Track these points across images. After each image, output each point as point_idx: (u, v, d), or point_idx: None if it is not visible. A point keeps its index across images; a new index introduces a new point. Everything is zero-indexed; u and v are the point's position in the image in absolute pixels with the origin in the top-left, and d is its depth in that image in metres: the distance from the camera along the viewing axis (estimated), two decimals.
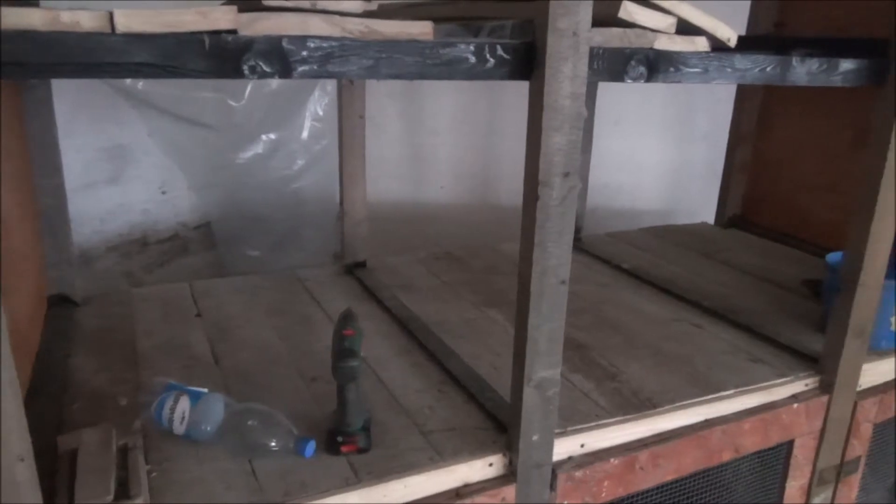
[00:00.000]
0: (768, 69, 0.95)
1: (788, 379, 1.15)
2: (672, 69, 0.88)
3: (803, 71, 0.98)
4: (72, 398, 1.03)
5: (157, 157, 1.79)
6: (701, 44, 0.91)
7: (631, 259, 1.70)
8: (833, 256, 1.34)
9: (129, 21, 0.60)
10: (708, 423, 1.08)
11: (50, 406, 1.00)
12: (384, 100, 2.03)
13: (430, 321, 1.32)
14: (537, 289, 0.84)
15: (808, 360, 1.21)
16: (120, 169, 1.79)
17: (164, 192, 1.83)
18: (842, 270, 1.14)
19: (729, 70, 0.92)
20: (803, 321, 1.37)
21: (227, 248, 1.88)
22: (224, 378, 1.10)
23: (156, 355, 1.18)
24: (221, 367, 1.14)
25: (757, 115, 1.93)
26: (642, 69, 0.86)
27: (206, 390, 0.93)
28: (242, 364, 1.15)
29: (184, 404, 0.90)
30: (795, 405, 1.14)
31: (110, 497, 0.74)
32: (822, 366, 1.18)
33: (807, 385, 1.17)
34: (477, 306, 1.42)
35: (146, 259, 1.86)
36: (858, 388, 1.20)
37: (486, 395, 1.05)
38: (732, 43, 0.94)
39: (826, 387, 1.17)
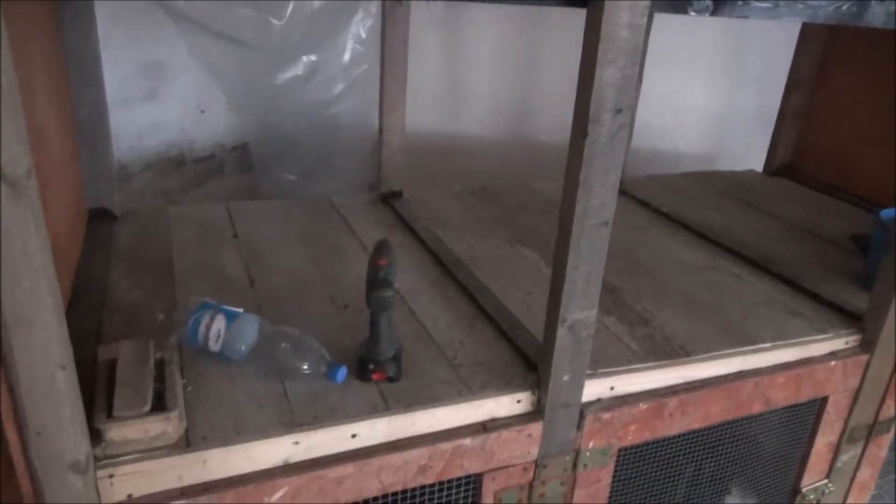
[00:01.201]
0: (844, 7, 0.88)
1: (828, 336, 1.13)
2: (740, 2, 0.82)
3: (881, 11, 0.91)
4: (110, 312, 1.05)
5: (195, 76, 1.76)
6: None
7: (671, 204, 1.65)
8: (886, 213, 1.28)
9: None
10: (740, 375, 1.06)
11: (89, 318, 1.02)
12: (426, 28, 1.96)
13: (463, 255, 1.31)
14: (578, 229, 0.82)
15: (849, 317, 1.17)
16: (157, 85, 1.77)
17: (202, 111, 1.81)
18: (894, 227, 1.09)
19: (801, 6, 0.86)
20: (847, 276, 1.33)
21: (263, 171, 1.88)
22: (257, 300, 1.11)
23: (191, 274, 1.19)
24: (255, 290, 1.15)
25: (816, 61, 1.83)
26: (708, 2, 0.80)
27: (241, 310, 0.93)
28: (276, 288, 1.16)
29: (219, 323, 0.90)
30: (833, 363, 1.11)
31: (147, 407, 0.76)
32: (865, 323, 1.14)
33: (847, 343, 1.14)
34: (509, 243, 1.40)
35: (183, 178, 1.87)
36: None
37: (516, 332, 1.05)
38: None
39: (867, 346, 1.14)
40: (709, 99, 2.48)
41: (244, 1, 1.62)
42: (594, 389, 0.97)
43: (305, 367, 0.89)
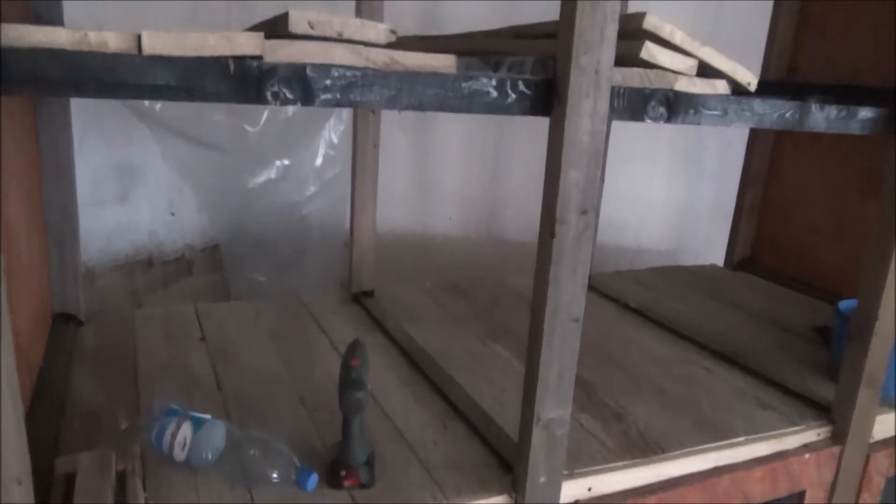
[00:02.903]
0: (787, 115, 0.95)
1: (800, 428, 1.13)
2: (692, 111, 0.88)
3: (822, 117, 0.98)
4: (70, 418, 1.01)
5: (166, 178, 1.79)
6: (721, 87, 0.91)
7: (639, 298, 1.68)
8: (845, 304, 1.32)
9: (155, 43, 0.60)
10: (717, 471, 1.05)
11: (48, 425, 0.98)
12: (395, 130, 2.03)
13: (435, 353, 1.30)
14: (549, 326, 0.83)
15: (818, 409, 1.19)
16: (129, 188, 1.79)
17: (172, 214, 1.82)
18: (854, 319, 1.13)
19: (748, 114, 0.92)
20: (812, 368, 1.35)
21: (233, 272, 1.87)
22: (225, 403, 1.09)
23: (156, 378, 1.16)
24: (223, 392, 1.12)
25: (768, 158, 1.93)
26: (662, 110, 0.85)
27: (208, 416, 0.91)
28: (244, 390, 1.14)
29: (185, 430, 0.88)
30: (807, 455, 1.11)
31: None
32: (835, 415, 1.15)
33: (818, 435, 1.15)
34: (482, 339, 1.41)
35: (151, 279, 1.85)
36: (871, 440, 1.18)
37: (490, 430, 1.03)
38: (752, 87, 0.94)
39: (838, 437, 1.14)
40: (669, 195, 2.58)
41: (218, 107, 1.67)
42: (572, 490, 0.95)
43: (274, 474, 0.86)
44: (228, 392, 1.12)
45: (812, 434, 1.14)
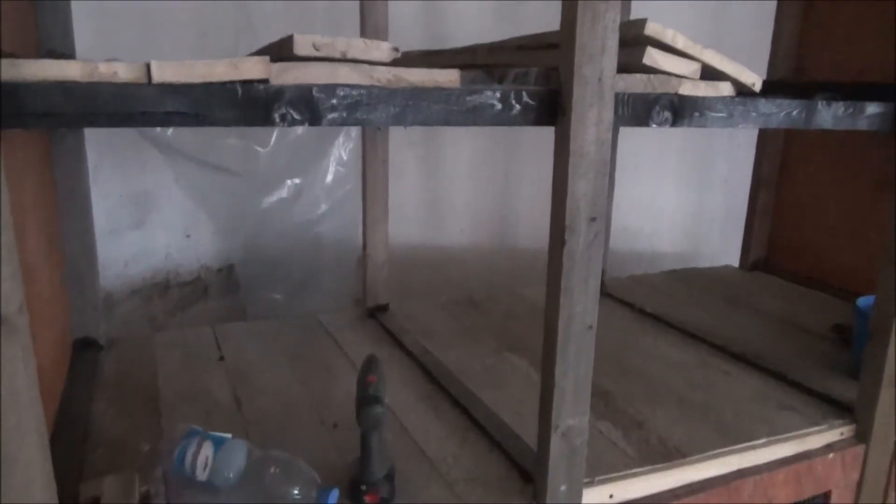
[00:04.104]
0: (793, 113, 0.95)
1: (822, 428, 1.12)
2: (697, 114, 0.88)
3: (829, 115, 0.98)
4: (94, 444, 1.03)
5: (181, 202, 1.81)
6: (725, 89, 0.92)
7: (654, 303, 1.68)
8: (863, 301, 1.31)
9: (164, 72, 0.62)
10: (740, 474, 1.04)
11: (72, 452, 0.99)
12: (404, 145, 2.05)
13: (452, 367, 1.31)
14: (564, 335, 0.83)
15: (841, 408, 1.17)
16: (144, 213, 1.81)
17: (188, 236, 1.85)
18: (873, 317, 1.12)
19: (754, 114, 0.92)
20: (833, 367, 1.33)
21: (249, 292, 1.89)
22: (245, 424, 1.09)
23: (177, 401, 1.17)
24: (243, 413, 1.13)
25: (779, 159, 1.92)
26: (667, 114, 0.86)
27: (229, 436, 0.91)
28: (264, 410, 1.14)
29: (207, 450, 0.88)
30: (831, 455, 1.10)
31: None
32: (857, 414, 1.14)
33: (842, 434, 1.13)
34: (498, 352, 1.41)
35: (168, 303, 1.87)
36: None
37: (510, 442, 1.03)
38: (757, 88, 0.94)
39: (862, 436, 1.13)
40: (681, 199, 2.57)
41: (229, 131, 1.70)
42: (593, 498, 0.95)
43: (296, 492, 0.86)
44: (248, 412, 1.13)
45: (835, 434, 1.13)
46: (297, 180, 1.82)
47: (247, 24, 1.77)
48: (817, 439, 1.11)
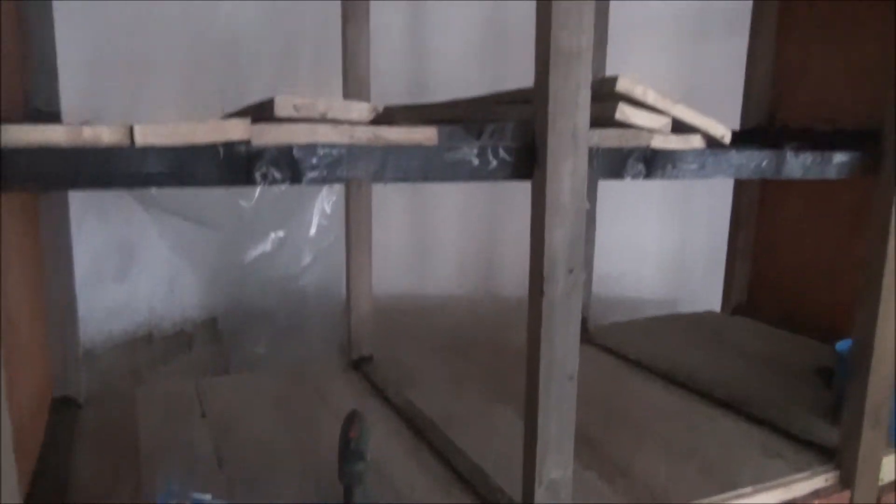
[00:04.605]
0: (763, 164, 0.97)
1: (807, 474, 1.12)
2: (670, 166, 0.90)
3: (798, 164, 1.01)
4: (72, 502, 1.00)
5: (164, 255, 1.81)
6: (696, 141, 0.94)
7: (638, 349, 1.68)
8: (843, 344, 1.33)
9: (147, 134, 0.63)
10: None
11: None
12: (388, 193, 2.07)
13: (438, 417, 1.30)
14: (545, 385, 0.84)
15: (825, 453, 1.18)
16: (127, 266, 1.81)
17: (171, 290, 1.84)
18: (851, 358, 1.13)
19: (725, 165, 0.95)
20: (816, 411, 1.34)
21: (232, 344, 1.88)
22: (227, 479, 1.08)
23: (157, 458, 1.15)
24: (225, 469, 1.11)
25: (756, 201, 1.96)
26: (641, 167, 0.88)
27: (208, 497, 0.90)
28: (247, 465, 1.13)
29: None
30: (816, 502, 1.10)
31: None
32: (841, 459, 1.15)
33: (827, 480, 1.13)
34: (484, 400, 1.40)
35: (151, 355, 1.85)
36: (880, 483, 1.16)
37: (495, 496, 1.02)
38: (727, 140, 0.97)
39: (846, 481, 1.13)
40: (662, 243, 2.60)
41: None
42: None
43: None
44: (231, 468, 1.12)
45: (820, 480, 1.13)
46: (280, 233, 1.83)
47: (232, 76, 1.80)
48: (803, 486, 1.11)
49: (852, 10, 1.66)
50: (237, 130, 0.67)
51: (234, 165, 0.67)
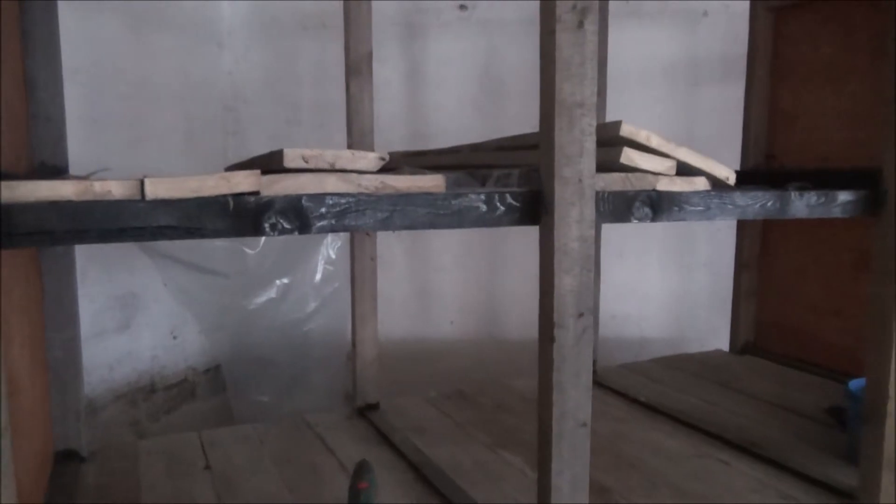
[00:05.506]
0: (768, 204, 0.98)
1: None
2: (675, 208, 0.90)
3: (802, 204, 1.01)
4: None
5: (168, 304, 1.80)
6: (700, 183, 0.95)
7: (647, 391, 1.66)
8: (855, 383, 1.31)
9: (157, 188, 0.63)
10: None
11: None
12: (392, 240, 2.08)
13: (445, 466, 1.28)
14: (557, 433, 0.82)
15: (842, 496, 1.15)
16: (131, 316, 1.80)
17: (174, 338, 1.83)
18: (866, 402, 1.11)
19: (730, 207, 0.95)
20: (830, 452, 1.32)
21: (235, 393, 1.86)
22: None
23: None
24: None
25: (759, 242, 1.97)
26: (647, 210, 0.88)
27: None
28: None
29: None
30: None
31: None
32: (859, 501, 1.12)
33: None
34: (490, 448, 1.38)
35: (153, 406, 1.83)
36: None
37: None
38: (731, 181, 0.98)
39: None
40: (666, 284, 2.60)
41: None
42: None
43: None
44: None
45: None
46: (285, 280, 1.84)
47: (235, 126, 1.82)
48: None
49: (841, 58, 1.70)
50: (247, 182, 0.67)
51: (243, 217, 0.67)
